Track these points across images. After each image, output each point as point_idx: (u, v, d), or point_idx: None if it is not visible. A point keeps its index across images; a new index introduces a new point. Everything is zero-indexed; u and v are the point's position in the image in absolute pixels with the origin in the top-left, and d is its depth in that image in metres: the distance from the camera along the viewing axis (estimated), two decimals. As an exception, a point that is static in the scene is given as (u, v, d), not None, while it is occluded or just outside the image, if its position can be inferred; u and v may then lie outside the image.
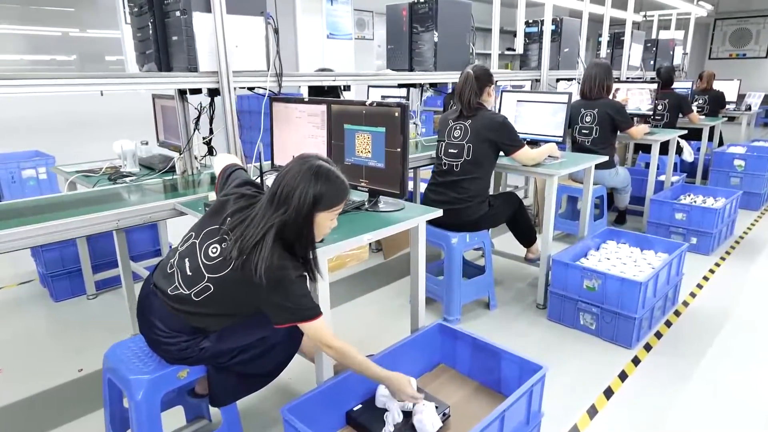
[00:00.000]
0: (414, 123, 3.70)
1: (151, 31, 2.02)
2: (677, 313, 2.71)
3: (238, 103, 5.91)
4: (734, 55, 11.82)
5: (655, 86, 4.01)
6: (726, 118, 5.52)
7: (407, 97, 3.71)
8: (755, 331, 2.53)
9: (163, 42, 2.04)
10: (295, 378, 2.12)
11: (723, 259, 3.47)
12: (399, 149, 1.65)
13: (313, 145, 1.97)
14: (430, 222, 2.62)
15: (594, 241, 2.94)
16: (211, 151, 2.67)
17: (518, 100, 3.10)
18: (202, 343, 1.45)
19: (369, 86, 4.06)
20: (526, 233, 2.86)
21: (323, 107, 1.88)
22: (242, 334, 1.54)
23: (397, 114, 1.62)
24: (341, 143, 1.85)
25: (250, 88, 2.30)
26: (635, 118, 4.07)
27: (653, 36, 6.86)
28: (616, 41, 5.37)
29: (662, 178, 4.48)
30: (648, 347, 2.38)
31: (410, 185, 3.69)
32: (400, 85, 3.31)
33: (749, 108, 6.11)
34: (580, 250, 2.82)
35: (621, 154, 5.43)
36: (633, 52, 5.40)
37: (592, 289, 2.41)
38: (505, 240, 3.16)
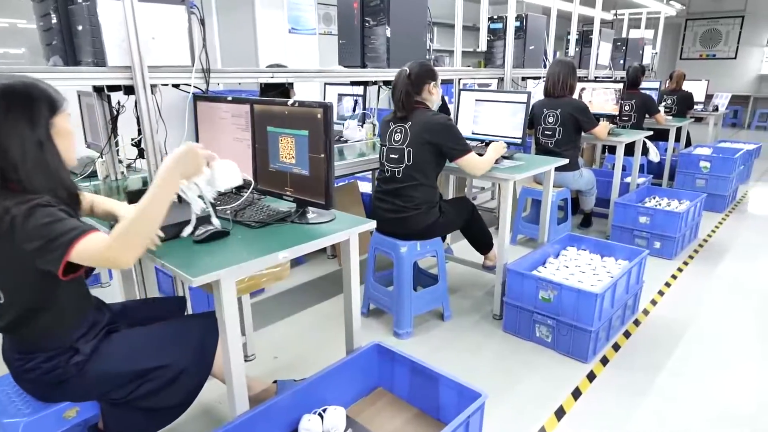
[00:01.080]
0: (372, 123, 3.53)
1: (54, 20, 1.80)
2: (637, 323, 2.60)
3: None
4: (704, 55, 11.95)
5: (620, 86, 3.92)
6: (693, 119, 5.49)
7: (364, 95, 3.54)
8: (715, 341, 2.44)
9: (68, 32, 1.83)
10: (225, 401, 1.94)
11: (686, 263, 3.40)
12: (323, 155, 1.48)
13: (240, 149, 1.78)
14: (380, 230, 2.50)
15: (554, 248, 2.82)
16: (141, 154, 2.46)
17: (476, 100, 2.95)
18: (73, 359, 1.26)
19: (325, 84, 3.87)
20: (481, 239, 2.72)
21: (247, 107, 1.70)
22: (125, 346, 1.37)
23: (319, 116, 1.45)
24: (265, 147, 1.67)
25: (175, 86, 2.10)
26: (601, 119, 3.98)
27: (623, 35, 6.82)
28: (585, 39, 5.28)
29: (629, 179, 4.42)
30: (605, 360, 2.26)
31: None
32: (353, 83, 3.13)
33: (716, 109, 6.11)
34: (539, 257, 2.70)
35: (589, 155, 5.37)
36: (602, 51, 5.32)
37: (548, 300, 2.28)
38: (465, 245, 3.02)
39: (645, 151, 4.77)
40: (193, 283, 1.20)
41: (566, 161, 2.79)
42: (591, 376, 2.14)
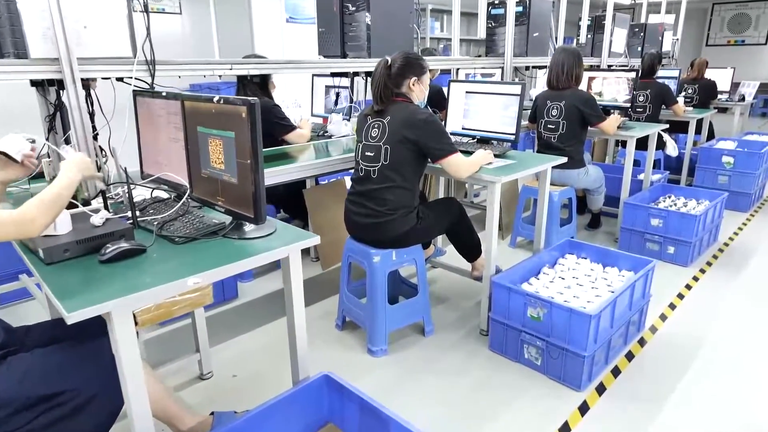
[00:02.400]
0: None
1: (-30, 7, 1.61)
2: (642, 342, 2.33)
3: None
4: (732, 41, 11.33)
5: (633, 75, 3.59)
6: (716, 110, 5.10)
7: (351, 88, 3.30)
8: (733, 364, 2.15)
9: (-15, 20, 1.64)
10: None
11: (703, 271, 3.08)
12: (249, 161, 1.25)
13: (175, 151, 1.57)
14: (353, 235, 2.27)
15: (551, 255, 2.56)
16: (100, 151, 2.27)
17: (467, 92, 2.69)
18: None
19: (313, 75, 3.64)
20: (468, 246, 2.47)
21: (178, 104, 1.48)
22: (19, 371, 1.20)
23: (244, 114, 1.22)
24: (197, 150, 1.45)
25: (119, 79, 1.89)
26: (612, 111, 3.66)
27: (642, 20, 6.40)
28: (598, 25, 4.92)
29: (655, 176, 4.09)
30: (601, 389, 2.00)
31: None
32: (334, 74, 2.89)
33: (743, 98, 5.68)
34: (532, 266, 2.44)
35: (602, 150, 5.03)
36: (616, 38, 4.96)
37: (537, 318, 2.02)
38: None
39: (662, 145, 4.43)
40: (68, 319, 1.00)
41: (563, 160, 2.51)
42: (583, 408, 1.89)
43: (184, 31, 5.48)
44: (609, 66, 4.91)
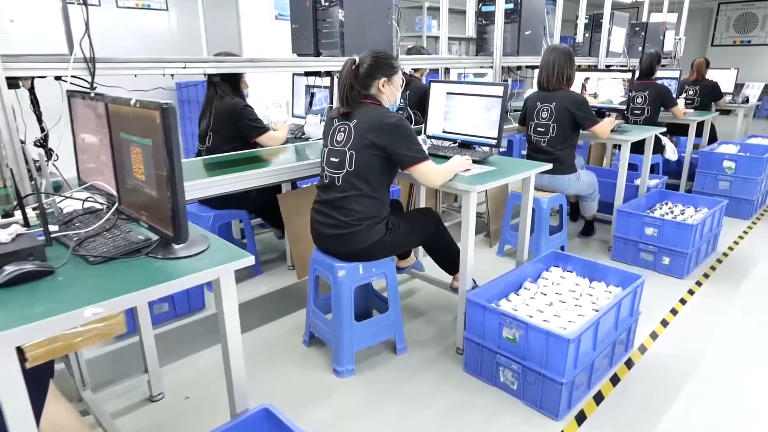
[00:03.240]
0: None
1: None
2: (629, 363, 2.16)
3: (181, 92, 5.26)
4: (738, 41, 11.09)
5: (629, 76, 3.42)
6: (717, 112, 4.91)
7: (331, 87, 3.14)
8: (729, 388, 1.98)
9: None
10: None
11: (699, 284, 2.91)
12: (164, 172, 1.10)
13: (106, 158, 1.42)
14: (319, 247, 2.12)
15: (535, 268, 2.39)
16: (49, 155, 2.12)
17: (448, 93, 2.52)
18: None
19: (293, 75, 3.48)
20: (447, 259, 2.31)
21: (103, 106, 1.33)
22: None
23: (158, 120, 1.07)
24: (121, 157, 1.30)
25: (57, 78, 1.74)
26: (608, 113, 3.49)
27: (644, 19, 6.20)
28: (596, 24, 4.74)
29: (652, 181, 3.92)
30: (582, 417, 1.84)
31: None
32: (308, 74, 2.74)
33: (747, 100, 5.49)
34: (514, 280, 2.28)
35: (599, 153, 4.86)
36: (615, 37, 4.78)
37: (513, 340, 1.86)
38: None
39: (661, 148, 4.25)
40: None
41: (548, 166, 2.34)
42: (560, 440, 1.73)
43: (171, 28, 5.34)
44: (607, 66, 4.74)
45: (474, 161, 2.27)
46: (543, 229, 3.03)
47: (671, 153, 4.27)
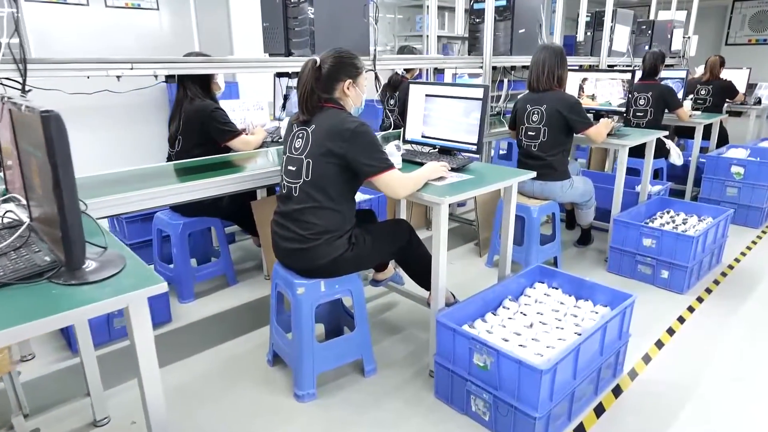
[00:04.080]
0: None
1: None
2: (617, 391, 1.98)
3: (172, 92, 5.11)
4: (753, 40, 10.73)
5: (628, 76, 3.22)
6: (727, 114, 4.68)
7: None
8: (723, 425, 1.80)
9: None
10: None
11: (700, 300, 2.71)
12: (52, 188, 0.95)
13: (17, 169, 1.28)
14: (280, 261, 1.97)
15: (518, 283, 2.23)
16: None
17: (427, 95, 2.36)
18: None
19: (275, 76, 3.34)
20: (421, 274, 2.14)
21: (7, 110, 1.19)
22: None
23: (40, 129, 0.93)
24: (27, 168, 1.16)
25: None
26: (605, 115, 3.30)
27: (652, 17, 5.97)
28: (598, 22, 4.54)
29: (655, 187, 3.71)
30: (559, 454, 1.67)
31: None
32: (279, 75, 2.59)
33: (759, 101, 5.23)
34: (493, 297, 2.11)
35: (600, 157, 4.65)
36: (618, 35, 4.58)
37: (484, 367, 1.70)
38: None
39: (666, 152, 4.05)
40: None
41: (531, 174, 2.17)
42: (532, 481, 1.56)
43: (162, 28, 5.24)
44: (610, 66, 4.54)
45: (451, 168, 2.11)
46: (533, 240, 2.86)
47: (676, 157, 4.06)
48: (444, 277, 1.91)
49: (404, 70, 4.00)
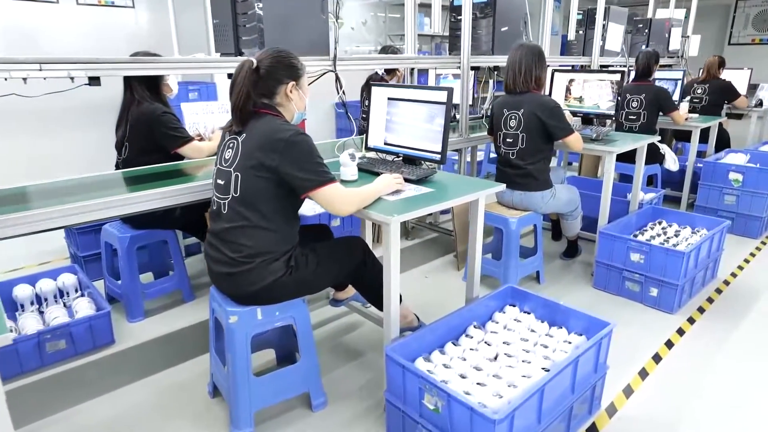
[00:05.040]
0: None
1: None
2: (592, 431, 1.77)
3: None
4: (757, 40, 10.46)
5: (617, 77, 3.01)
6: (726, 116, 4.45)
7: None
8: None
9: None
10: None
11: (692, 320, 2.49)
12: None
13: None
14: (215, 285, 1.77)
15: (486, 307, 2.02)
16: None
17: (389, 98, 2.15)
18: None
19: (228, 76, 3.13)
20: (379, 297, 1.93)
21: None
22: None
23: None
24: None
25: None
26: (602, 120, 3.10)
27: (650, 15, 5.73)
28: (590, 20, 4.32)
29: (648, 195, 3.51)
30: None
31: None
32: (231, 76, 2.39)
33: (760, 103, 5.00)
34: (458, 323, 1.91)
35: (592, 163, 4.44)
36: (611, 34, 4.35)
37: (436, 410, 1.49)
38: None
39: (660, 158, 3.83)
40: None
41: (501, 187, 1.95)
42: None
43: (138, 26, 5.04)
44: (603, 66, 4.32)
45: (409, 180, 1.90)
46: (512, 254, 2.65)
47: (671, 163, 3.85)
48: (396, 304, 1.71)
49: (385, 71, 3.80)
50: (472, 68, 3.64)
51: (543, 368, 1.62)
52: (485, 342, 1.80)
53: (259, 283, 1.58)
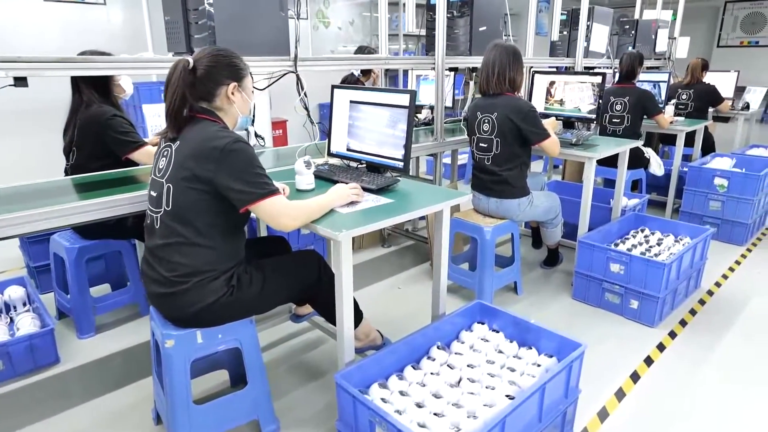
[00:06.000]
0: (245, 129, 2.66)
1: None
2: (563, 461, 1.65)
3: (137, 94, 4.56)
4: (746, 42, 10.44)
5: (598, 79, 2.89)
6: (711, 120, 4.35)
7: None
8: None
9: None
10: None
11: (673, 335, 2.38)
12: None
13: None
14: (154, 306, 1.63)
15: (453, 324, 1.89)
16: None
17: (351, 101, 2.02)
18: None
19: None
20: (334, 313, 1.81)
21: None
22: None
23: None
24: None
25: None
26: (587, 123, 2.98)
27: (636, 16, 5.64)
28: (575, 20, 4.21)
29: (631, 201, 3.39)
30: None
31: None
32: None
33: (747, 106, 4.91)
34: (420, 344, 1.77)
35: (576, 169, 4.32)
36: (596, 35, 4.25)
37: (386, 444, 1.36)
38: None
39: (645, 162, 3.73)
40: None
41: (467, 197, 1.83)
42: None
43: (110, 24, 4.87)
44: (587, 68, 4.21)
45: (368, 190, 1.77)
46: (487, 265, 2.52)
47: (656, 167, 3.76)
48: (350, 327, 1.57)
49: (360, 72, 3.67)
50: (451, 69, 3.53)
51: (507, 395, 1.49)
52: (448, 365, 1.67)
53: (197, 304, 1.44)
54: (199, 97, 1.46)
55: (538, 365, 1.67)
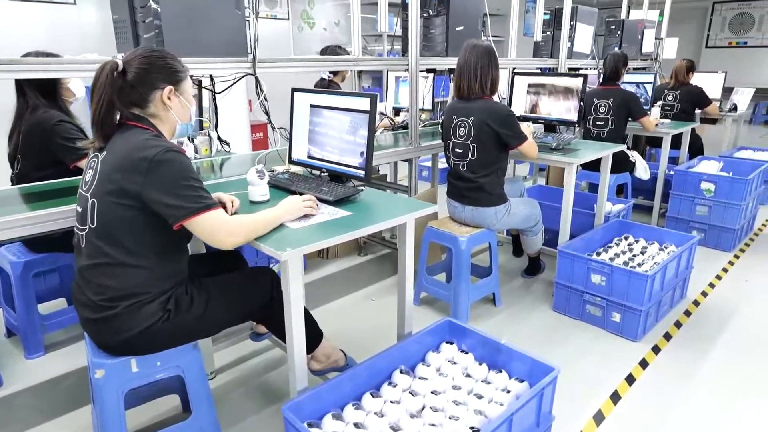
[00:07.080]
0: (206, 135, 2.52)
1: None
2: (535, 495, 1.53)
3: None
4: (734, 43, 10.42)
5: (579, 82, 2.78)
6: (697, 122, 4.26)
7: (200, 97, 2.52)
8: None
9: None
10: None
11: (657, 349, 2.27)
12: None
13: None
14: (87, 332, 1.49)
15: (419, 345, 1.76)
16: None
17: (311, 105, 1.89)
18: None
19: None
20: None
21: None
22: None
23: None
24: None
25: None
26: (570, 126, 2.88)
27: (622, 16, 5.56)
28: (558, 20, 4.10)
29: (616, 206, 3.29)
30: None
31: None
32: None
33: (735, 108, 4.83)
34: (383, 367, 1.64)
35: (560, 171, 4.21)
36: (580, 35, 4.14)
37: (335, 487, 1.23)
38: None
39: (630, 166, 3.62)
40: None
41: (433, 208, 1.70)
42: None
43: (80, 24, 4.71)
44: (571, 69, 4.11)
45: (326, 201, 1.64)
46: (462, 276, 2.40)
47: (642, 171, 3.66)
48: (302, 353, 1.44)
49: (330, 73, 3.55)
50: (429, 71, 3.41)
51: (471, 428, 1.37)
52: (410, 392, 1.54)
53: (129, 330, 1.30)
54: (130, 103, 1.33)
55: (508, 391, 1.55)
